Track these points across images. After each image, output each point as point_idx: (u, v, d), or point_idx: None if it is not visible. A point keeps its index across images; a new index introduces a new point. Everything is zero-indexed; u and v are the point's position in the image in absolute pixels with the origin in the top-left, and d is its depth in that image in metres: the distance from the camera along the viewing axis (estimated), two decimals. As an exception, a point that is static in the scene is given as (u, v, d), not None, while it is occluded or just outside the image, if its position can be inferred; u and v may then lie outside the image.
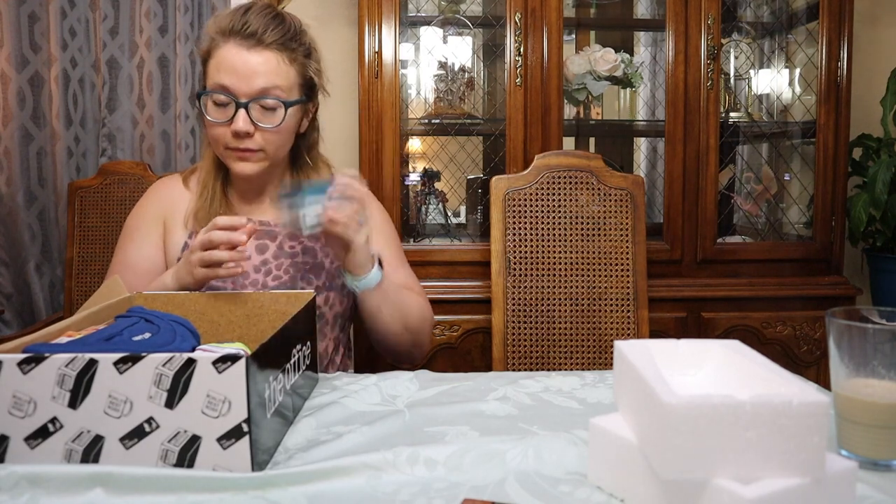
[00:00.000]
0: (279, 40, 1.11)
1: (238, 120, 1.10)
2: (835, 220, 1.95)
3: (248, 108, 1.10)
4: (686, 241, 1.93)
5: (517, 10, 1.85)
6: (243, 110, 1.09)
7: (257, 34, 1.09)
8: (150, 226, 1.22)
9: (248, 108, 1.10)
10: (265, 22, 1.10)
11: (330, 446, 0.75)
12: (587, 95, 2.04)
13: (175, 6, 2.24)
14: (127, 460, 0.66)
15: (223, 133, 1.12)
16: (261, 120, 1.11)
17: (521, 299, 1.60)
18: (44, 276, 2.26)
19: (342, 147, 2.31)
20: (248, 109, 1.10)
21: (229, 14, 1.12)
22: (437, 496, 0.64)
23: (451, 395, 0.93)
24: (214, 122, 1.12)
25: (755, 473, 0.54)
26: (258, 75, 1.09)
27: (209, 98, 1.11)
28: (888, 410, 0.66)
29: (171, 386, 0.65)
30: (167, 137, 2.29)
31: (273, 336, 0.75)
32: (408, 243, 1.95)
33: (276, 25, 1.11)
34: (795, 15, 2.15)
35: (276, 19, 1.12)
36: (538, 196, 1.64)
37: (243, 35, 1.09)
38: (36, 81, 2.21)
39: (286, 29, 1.13)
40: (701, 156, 1.91)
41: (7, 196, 2.19)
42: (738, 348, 0.69)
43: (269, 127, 1.12)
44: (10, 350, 0.71)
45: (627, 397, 0.65)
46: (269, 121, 1.12)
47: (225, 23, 1.11)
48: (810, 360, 1.93)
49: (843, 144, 1.94)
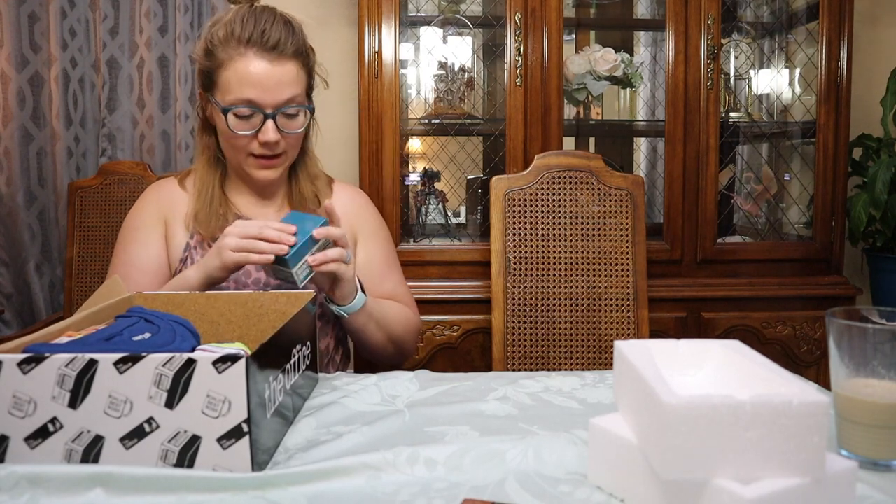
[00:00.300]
0: (297, 50, 1.13)
1: (268, 131, 1.11)
2: (835, 220, 1.95)
3: (275, 118, 1.11)
4: (686, 241, 1.93)
5: (517, 10, 1.85)
6: (271, 121, 1.11)
7: (278, 46, 1.09)
8: (152, 226, 1.22)
9: (275, 119, 1.11)
10: (283, 33, 1.10)
11: (330, 446, 0.75)
12: (587, 95, 2.04)
13: (175, 6, 2.24)
14: (127, 460, 0.66)
15: (248, 143, 1.13)
16: (286, 127, 1.13)
17: (521, 299, 1.60)
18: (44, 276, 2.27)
19: (342, 147, 2.31)
20: (275, 119, 1.11)
21: (239, 21, 1.10)
22: (437, 496, 0.64)
23: (451, 395, 0.93)
24: (242, 134, 1.12)
25: (755, 473, 0.54)
26: (283, 86, 1.10)
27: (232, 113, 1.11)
28: (888, 410, 0.66)
29: (171, 386, 0.65)
30: (167, 137, 2.29)
31: (273, 336, 0.75)
32: (408, 243, 1.95)
33: (291, 35, 1.12)
34: (795, 15, 2.15)
35: (288, 27, 1.12)
36: (538, 196, 1.64)
37: (264, 48, 1.09)
38: (36, 81, 2.21)
39: (298, 37, 1.14)
40: (701, 156, 1.91)
41: (7, 196, 2.20)
42: (738, 348, 0.69)
43: (293, 133, 1.15)
44: (10, 350, 0.71)
45: (627, 397, 0.65)
46: (292, 127, 1.14)
47: (240, 32, 1.09)
48: (810, 360, 1.93)
49: (843, 144, 1.94)
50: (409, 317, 1.27)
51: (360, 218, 1.29)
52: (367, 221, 1.30)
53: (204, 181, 1.21)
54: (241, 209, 1.23)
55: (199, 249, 1.19)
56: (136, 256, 1.20)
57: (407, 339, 1.25)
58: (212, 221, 1.18)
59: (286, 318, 0.90)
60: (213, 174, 1.22)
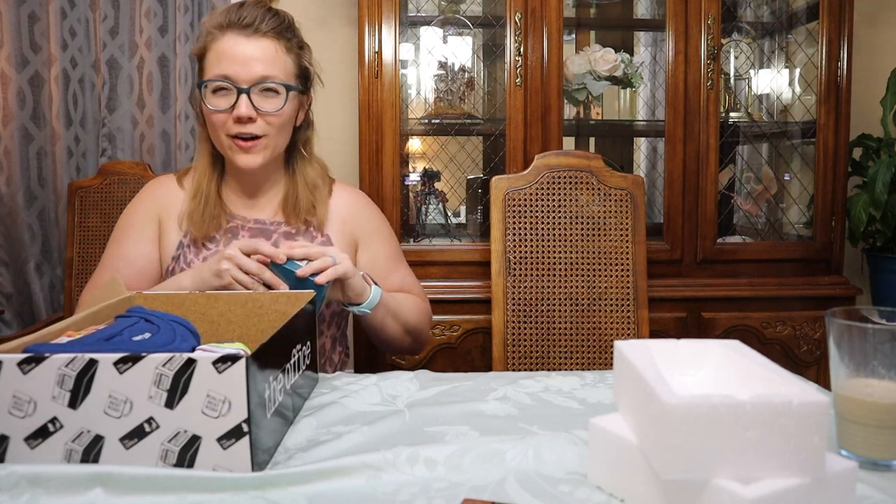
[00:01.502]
0: (275, 29, 1.15)
1: (240, 105, 1.12)
2: (835, 220, 1.95)
3: (249, 93, 1.12)
4: (686, 241, 1.93)
5: (517, 10, 1.85)
6: (245, 96, 1.12)
7: (254, 24, 1.13)
8: (146, 223, 1.23)
9: (249, 94, 1.12)
10: (260, 13, 1.14)
11: (330, 446, 0.75)
12: (587, 95, 2.04)
13: (175, 6, 2.24)
14: (127, 460, 0.66)
15: (225, 120, 1.14)
16: (262, 105, 1.14)
17: (521, 299, 1.60)
18: (44, 276, 2.26)
19: (342, 147, 2.31)
20: (249, 95, 1.12)
21: (223, 11, 1.15)
22: (437, 496, 0.64)
23: (451, 395, 0.93)
24: (216, 110, 1.13)
25: (755, 473, 0.54)
26: (257, 62, 1.12)
27: (209, 88, 1.13)
28: (888, 410, 0.66)
29: (171, 386, 0.65)
30: (167, 137, 2.29)
31: (273, 336, 0.75)
32: (408, 243, 1.95)
33: (270, 16, 1.15)
34: (795, 15, 2.15)
35: (270, 11, 1.16)
36: (538, 196, 1.64)
37: (240, 26, 1.13)
38: (36, 81, 2.21)
39: (280, 20, 1.17)
40: (701, 156, 1.91)
41: (7, 196, 2.19)
42: (738, 348, 0.69)
43: (271, 111, 1.14)
44: (10, 350, 0.71)
45: (627, 397, 0.65)
46: (270, 105, 1.15)
47: (220, 18, 1.14)
48: (810, 360, 1.93)
49: (843, 144, 1.94)
50: (421, 306, 1.28)
51: (360, 219, 1.29)
52: (367, 221, 1.30)
53: (201, 181, 1.21)
54: (235, 211, 1.23)
55: (191, 248, 1.20)
56: (127, 251, 1.21)
57: (422, 328, 1.27)
58: (205, 222, 1.18)
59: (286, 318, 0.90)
60: (211, 174, 1.22)
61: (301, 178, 1.24)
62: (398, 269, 1.31)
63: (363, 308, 1.13)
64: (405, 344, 1.25)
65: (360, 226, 1.28)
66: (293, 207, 1.23)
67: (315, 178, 1.25)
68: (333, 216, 1.26)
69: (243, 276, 1.02)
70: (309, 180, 1.24)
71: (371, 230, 1.30)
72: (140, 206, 1.25)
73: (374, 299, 1.13)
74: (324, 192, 1.26)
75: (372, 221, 1.31)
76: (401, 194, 1.91)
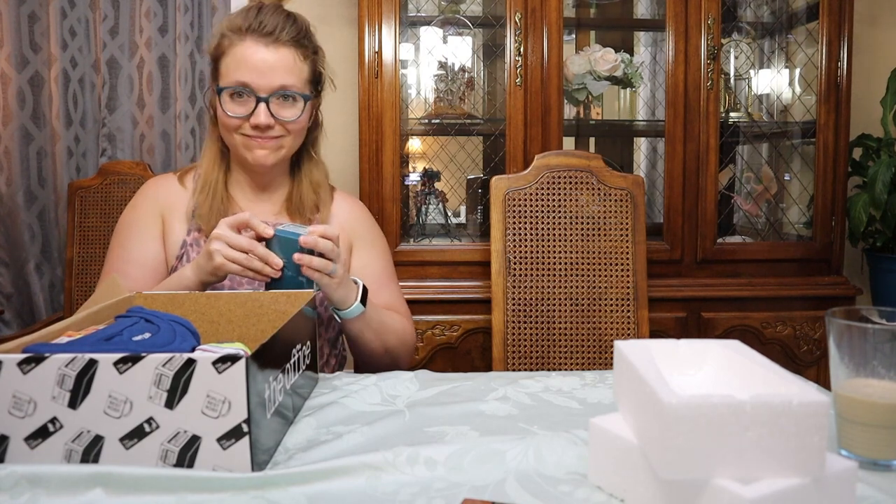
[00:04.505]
0: (294, 38, 1.15)
1: (259, 114, 1.12)
2: (835, 220, 1.95)
3: (268, 102, 1.12)
4: (686, 241, 1.93)
5: (517, 10, 1.85)
6: (263, 104, 1.12)
7: (274, 32, 1.12)
8: (149, 222, 1.22)
9: (268, 103, 1.12)
10: (281, 21, 1.14)
11: (330, 446, 0.75)
12: (587, 95, 2.04)
13: (175, 6, 2.24)
14: (127, 460, 0.66)
15: (240, 124, 1.14)
16: (280, 113, 1.14)
17: (521, 299, 1.60)
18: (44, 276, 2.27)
19: (342, 147, 2.31)
20: (268, 104, 1.12)
21: (242, 13, 1.14)
22: (437, 496, 0.64)
23: (451, 395, 0.93)
24: (235, 117, 1.13)
25: (755, 473, 0.54)
26: (276, 71, 1.12)
27: (226, 92, 1.13)
28: (888, 410, 0.66)
29: (171, 386, 0.65)
30: (167, 137, 2.29)
31: (273, 336, 0.75)
32: (407, 243, 1.95)
33: (290, 24, 1.15)
34: (795, 15, 2.15)
35: (289, 18, 1.16)
36: (538, 196, 1.64)
37: (260, 33, 1.12)
38: (36, 81, 2.21)
39: (299, 28, 1.16)
40: (701, 156, 1.91)
41: (7, 196, 2.20)
42: (738, 348, 0.69)
43: (289, 119, 1.15)
44: (10, 350, 0.70)
45: (627, 397, 0.65)
46: (288, 113, 1.15)
47: (240, 22, 1.13)
48: (810, 360, 1.93)
49: (843, 144, 1.94)
50: (405, 330, 1.25)
51: (358, 227, 1.29)
52: (365, 231, 1.30)
53: (208, 176, 1.21)
54: (242, 205, 1.24)
55: (195, 246, 1.20)
56: (133, 251, 1.20)
57: (402, 351, 1.24)
58: (213, 216, 1.18)
59: (286, 318, 0.90)
60: (219, 170, 1.22)
61: (307, 178, 1.25)
62: (388, 286, 1.29)
63: (341, 314, 1.11)
64: (382, 361, 1.22)
65: (357, 234, 1.28)
66: (297, 206, 1.23)
67: (320, 178, 1.26)
68: (334, 220, 1.26)
69: (235, 254, 1.01)
70: (314, 180, 1.25)
71: (368, 241, 1.30)
72: (142, 205, 1.24)
73: (351, 313, 1.11)
74: (326, 194, 1.27)
75: (370, 231, 1.31)
76: (401, 194, 1.91)
